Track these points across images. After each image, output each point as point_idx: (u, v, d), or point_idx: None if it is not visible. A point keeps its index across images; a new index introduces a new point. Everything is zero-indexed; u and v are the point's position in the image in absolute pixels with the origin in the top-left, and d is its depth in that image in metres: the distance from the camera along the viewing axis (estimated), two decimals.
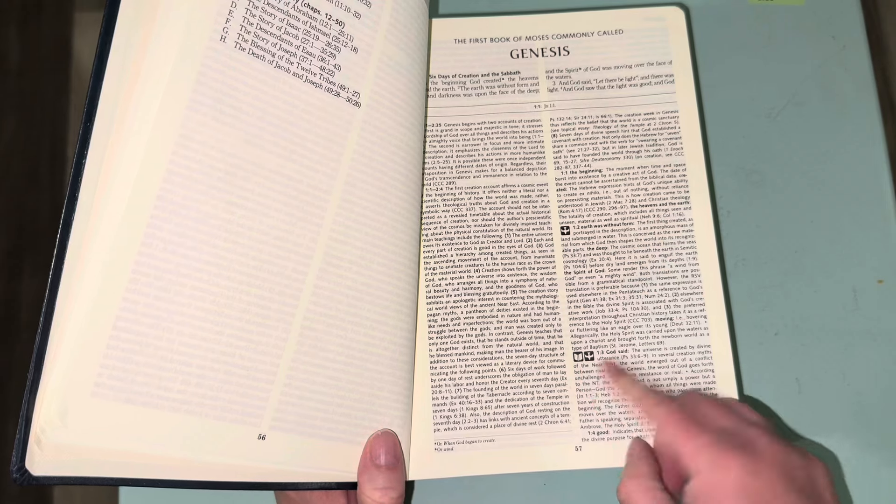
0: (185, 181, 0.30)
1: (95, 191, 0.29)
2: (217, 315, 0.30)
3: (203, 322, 0.30)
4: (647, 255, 0.38)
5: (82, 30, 1.01)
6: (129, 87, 0.30)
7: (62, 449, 0.27)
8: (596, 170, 0.39)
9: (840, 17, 0.44)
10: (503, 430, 0.36)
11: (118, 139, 0.29)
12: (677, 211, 0.39)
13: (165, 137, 0.30)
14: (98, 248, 0.29)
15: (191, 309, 0.30)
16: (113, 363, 0.28)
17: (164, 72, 0.30)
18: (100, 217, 0.29)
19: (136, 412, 0.28)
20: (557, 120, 0.40)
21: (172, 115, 0.30)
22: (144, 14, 0.30)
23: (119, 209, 0.29)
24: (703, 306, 0.38)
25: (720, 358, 0.37)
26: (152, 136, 0.29)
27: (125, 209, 0.29)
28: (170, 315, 0.29)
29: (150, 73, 0.30)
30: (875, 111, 0.43)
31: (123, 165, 0.29)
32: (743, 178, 0.42)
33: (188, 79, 0.30)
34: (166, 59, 0.30)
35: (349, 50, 0.34)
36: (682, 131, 0.40)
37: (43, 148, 0.95)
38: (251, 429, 0.31)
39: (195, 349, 0.30)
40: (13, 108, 0.89)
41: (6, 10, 0.89)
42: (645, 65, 0.41)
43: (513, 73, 0.41)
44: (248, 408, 0.31)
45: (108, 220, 0.29)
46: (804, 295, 0.40)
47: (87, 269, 0.28)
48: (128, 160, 0.29)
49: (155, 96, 0.30)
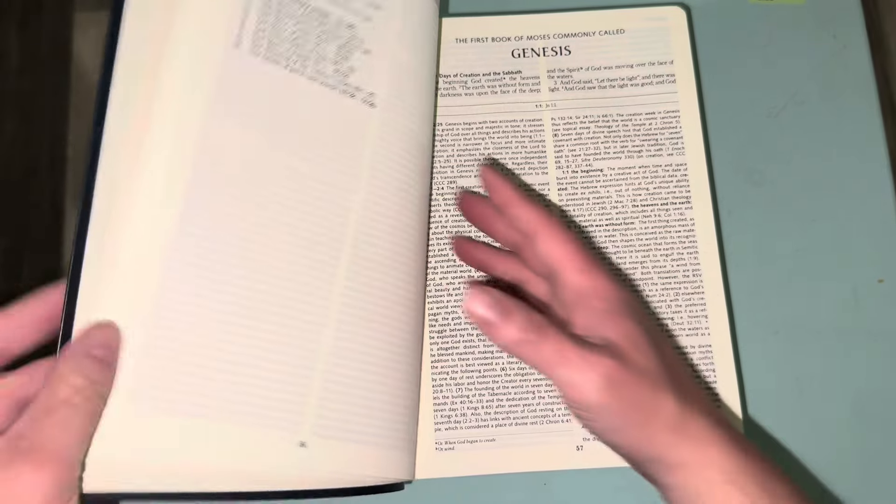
0: (211, 189, 0.30)
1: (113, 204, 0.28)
2: (251, 320, 0.30)
3: (238, 328, 0.30)
4: (648, 255, 0.38)
5: (82, 29, 1.01)
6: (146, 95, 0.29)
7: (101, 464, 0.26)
8: (597, 169, 0.39)
9: (841, 17, 0.44)
10: (504, 430, 0.36)
11: (137, 150, 0.29)
12: (678, 211, 0.39)
13: (187, 146, 0.29)
14: (125, 261, 0.28)
15: (225, 315, 0.29)
16: (149, 374, 0.28)
17: (182, 80, 0.30)
18: (123, 230, 0.28)
19: (175, 424, 0.28)
20: (559, 119, 0.40)
21: (193, 122, 0.30)
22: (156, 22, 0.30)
23: (146, 220, 0.29)
24: (703, 306, 0.38)
25: (721, 357, 0.37)
26: (174, 145, 0.29)
27: (153, 219, 0.29)
28: (204, 322, 0.29)
29: (167, 82, 0.30)
30: (876, 110, 0.43)
31: (146, 177, 0.29)
32: (743, 177, 0.42)
33: (206, 86, 0.30)
34: (183, 68, 0.30)
35: (361, 52, 0.34)
36: (683, 131, 0.40)
37: (42, 147, 0.95)
38: (292, 435, 0.30)
39: (232, 356, 0.29)
40: (13, 108, 0.89)
41: (6, 10, 0.89)
42: (646, 64, 0.41)
43: (514, 72, 0.41)
44: (288, 414, 0.30)
45: (133, 233, 0.28)
46: (804, 294, 0.40)
47: (115, 282, 0.28)
48: (150, 172, 0.29)
49: (174, 105, 0.30)
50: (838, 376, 0.39)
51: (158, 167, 0.29)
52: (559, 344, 0.28)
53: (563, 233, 0.32)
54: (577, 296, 0.31)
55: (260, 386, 0.30)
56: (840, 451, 0.38)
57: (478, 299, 0.29)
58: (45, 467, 0.23)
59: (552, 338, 0.29)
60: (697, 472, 0.28)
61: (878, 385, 0.39)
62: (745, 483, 0.28)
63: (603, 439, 0.30)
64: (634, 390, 0.28)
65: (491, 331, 0.29)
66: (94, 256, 0.28)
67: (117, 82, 0.29)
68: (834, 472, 0.38)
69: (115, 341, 0.27)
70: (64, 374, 0.26)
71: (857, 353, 0.39)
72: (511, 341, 0.29)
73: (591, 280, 0.31)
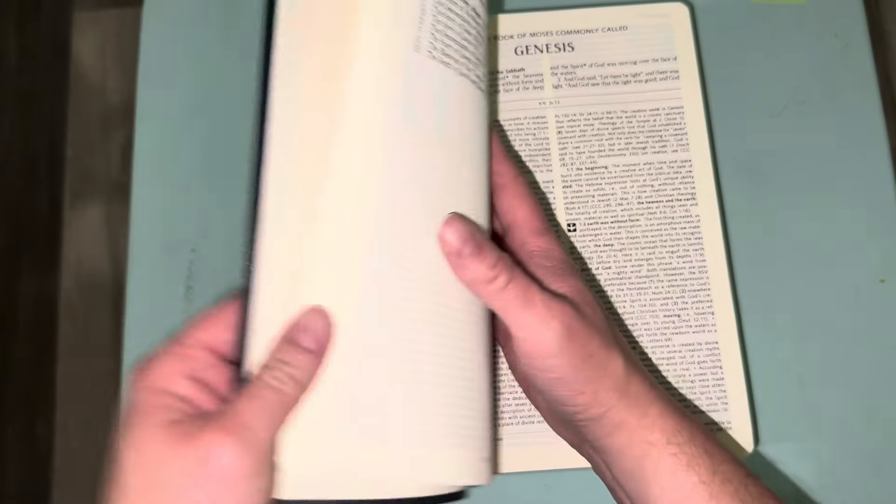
0: (403, 199, 0.28)
1: (292, 209, 0.27)
2: (443, 338, 0.29)
3: (432, 346, 0.29)
4: (653, 252, 0.38)
5: (81, 29, 1.01)
6: (323, 98, 0.28)
7: (296, 474, 0.26)
8: (602, 166, 0.39)
9: (842, 16, 0.44)
10: (511, 429, 0.36)
11: (320, 154, 0.28)
12: (684, 207, 0.39)
13: (378, 152, 0.28)
14: (322, 283, 0.27)
15: (420, 335, 0.28)
16: (357, 396, 0.27)
17: (371, 85, 0.28)
18: (313, 249, 0.27)
19: (374, 445, 0.27)
20: (563, 116, 0.40)
21: (381, 129, 0.28)
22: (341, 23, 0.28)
23: (344, 231, 0.27)
24: (710, 303, 0.38)
25: (728, 354, 0.37)
26: (366, 152, 0.28)
27: (351, 236, 0.27)
28: (407, 342, 0.28)
29: (355, 85, 0.28)
30: (877, 109, 0.43)
31: (336, 184, 0.27)
32: (745, 175, 0.42)
33: (394, 91, 0.29)
34: (371, 72, 0.28)
35: (485, 48, 0.34)
36: (687, 127, 0.40)
37: (41, 147, 0.95)
38: (476, 453, 0.30)
39: (424, 376, 0.28)
40: (12, 107, 0.88)
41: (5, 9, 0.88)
42: (650, 61, 0.41)
43: (517, 70, 0.41)
44: (473, 431, 0.29)
45: (331, 251, 0.27)
46: (806, 293, 0.40)
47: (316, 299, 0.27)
48: (340, 183, 0.28)
49: (363, 112, 0.28)
50: (841, 375, 0.39)
51: (351, 175, 0.28)
52: (525, 288, 0.29)
53: (525, 193, 0.33)
54: (528, 254, 0.31)
55: (447, 405, 0.29)
56: (843, 450, 0.38)
57: (454, 227, 0.29)
58: (246, 445, 0.24)
59: (519, 280, 0.29)
60: (638, 432, 0.29)
61: (880, 384, 0.39)
62: (683, 442, 0.29)
63: (549, 393, 0.30)
64: (589, 343, 0.29)
65: (460, 263, 0.29)
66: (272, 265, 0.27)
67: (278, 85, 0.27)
68: (837, 470, 0.38)
69: (325, 336, 0.27)
70: (271, 359, 0.26)
71: (858, 352, 0.39)
72: (478, 278, 0.29)
73: (546, 242, 0.32)
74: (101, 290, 0.94)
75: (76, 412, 0.91)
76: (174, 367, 0.27)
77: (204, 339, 0.27)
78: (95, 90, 0.99)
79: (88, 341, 0.93)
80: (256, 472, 0.24)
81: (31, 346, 0.89)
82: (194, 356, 0.27)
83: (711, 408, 0.37)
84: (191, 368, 0.27)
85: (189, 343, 0.27)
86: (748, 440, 0.36)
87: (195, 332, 0.28)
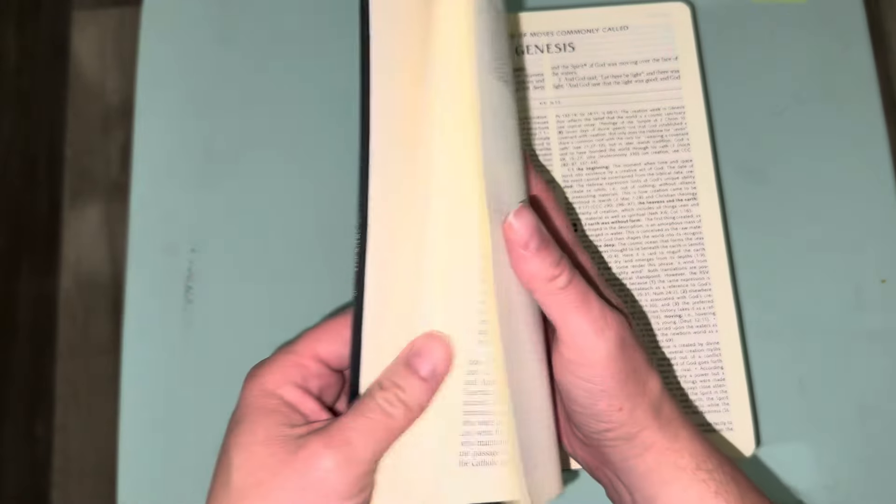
0: (497, 217, 0.28)
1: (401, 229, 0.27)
2: (532, 362, 0.29)
3: (532, 374, 0.29)
4: (655, 252, 0.38)
5: (80, 28, 1.00)
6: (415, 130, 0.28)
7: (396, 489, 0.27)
8: (603, 166, 0.39)
9: (843, 16, 0.44)
10: None
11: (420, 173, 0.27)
12: (685, 207, 0.39)
13: (471, 174, 0.28)
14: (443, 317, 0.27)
15: (524, 362, 0.28)
16: (468, 429, 0.27)
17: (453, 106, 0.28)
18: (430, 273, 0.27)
19: (480, 472, 0.27)
20: (563, 116, 0.40)
21: (472, 153, 0.28)
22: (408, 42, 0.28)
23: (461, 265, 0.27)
24: (711, 303, 0.38)
25: (729, 355, 0.37)
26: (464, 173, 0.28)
27: (467, 264, 0.27)
28: (523, 371, 0.28)
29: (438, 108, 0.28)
30: (878, 109, 0.43)
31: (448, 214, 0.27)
32: (746, 176, 0.42)
33: (486, 120, 0.28)
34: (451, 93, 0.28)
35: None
36: (688, 127, 0.40)
37: (41, 147, 0.95)
38: (551, 473, 0.30)
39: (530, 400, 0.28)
40: (11, 107, 0.88)
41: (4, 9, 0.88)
42: (650, 60, 0.41)
43: (518, 70, 0.41)
44: (547, 455, 0.29)
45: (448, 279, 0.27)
46: (806, 293, 0.40)
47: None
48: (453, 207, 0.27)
49: (453, 135, 0.28)
50: (841, 376, 0.39)
51: (462, 198, 0.27)
52: (584, 292, 0.28)
53: (558, 206, 0.32)
54: None
55: (542, 426, 0.29)
56: (843, 451, 0.38)
57: (524, 218, 0.27)
58: (346, 461, 0.25)
59: (579, 283, 0.28)
60: (668, 455, 0.28)
61: (880, 384, 0.39)
62: (712, 469, 0.28)
63: (587, 406, 0.29)
64: (635, 358, 0.28)
65: (524, 255, 0.27)
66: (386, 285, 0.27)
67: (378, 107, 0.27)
68: (838, 471, 0.38)
69: (444, 368, 0.27)
70: (386, 380, 0.26)
71: (859, 352, 0.39)
72: (539, 274, 0.27)
73: (583, 254, 0.31)
74: (100, 290, 0.94)
75: (76, 412, 0.91)
76: (286, 374, 0.27)
77: (315, 349, 0.28)
78: (95, 90, 0.99)
79: (88, 341, 0.93)
80: (354, 488, 0.25)
81: (30, 346, 0.88)
82: (306, 365, 0.28)
83: (712, 408, 0.37)
84: (301, 377, 0.28)
85: (301, 352, 0.28)
86: (749, 441, 0.36)
87: (308, 342, 0.28)
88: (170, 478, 0.39)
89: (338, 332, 0.28)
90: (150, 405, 0.40)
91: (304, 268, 0.41)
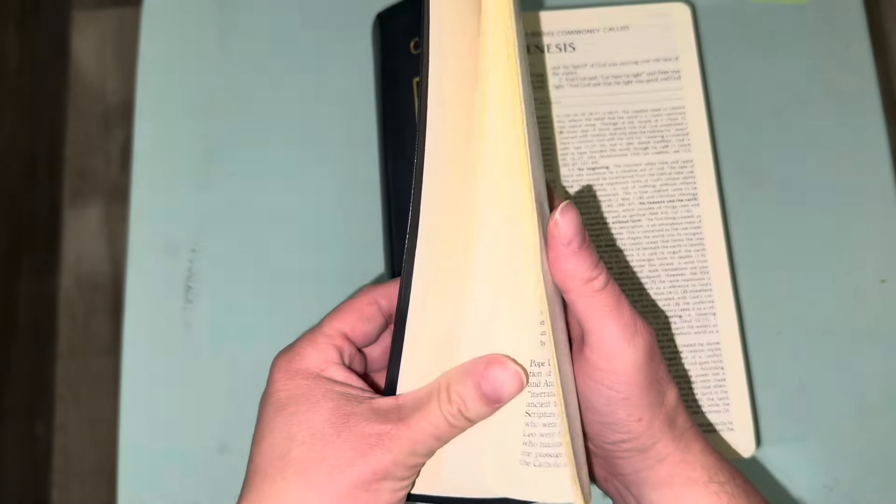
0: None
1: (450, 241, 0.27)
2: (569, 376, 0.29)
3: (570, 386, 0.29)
4: (655, 252, 0.38)
5: (80, 29, 1.00)
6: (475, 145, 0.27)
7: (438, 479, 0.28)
8: (603, 166, 0.39)
9: (843, 16, 0.44)
10: None
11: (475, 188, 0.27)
12: (685, 207, 0.39)
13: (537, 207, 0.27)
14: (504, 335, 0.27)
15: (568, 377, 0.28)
16: (531, 430, 0.27)
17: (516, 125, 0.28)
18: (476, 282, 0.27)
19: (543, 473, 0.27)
20: (564, 117, 0.40)
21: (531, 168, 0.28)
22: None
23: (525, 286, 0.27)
24: (712, 303, 0.38)
25: (730, 355, 0.37)
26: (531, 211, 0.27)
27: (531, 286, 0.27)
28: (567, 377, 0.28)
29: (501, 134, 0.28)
30: (878, 110, 0.43)
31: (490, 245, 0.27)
32: (746, 176, 0.42)
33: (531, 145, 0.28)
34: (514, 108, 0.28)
35: None
36: (689, 127, 0.40)
37: (41, 147, 0.95)
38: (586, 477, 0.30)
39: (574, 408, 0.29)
40: (11, 108, 0.88)
41: (4, 9, 0.88)
42: (651, 61, 0.41)
43: None
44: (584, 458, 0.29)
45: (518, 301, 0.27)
46: (806, 294, 0.40)
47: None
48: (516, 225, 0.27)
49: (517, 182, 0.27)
50: (841, 376, 0.39)
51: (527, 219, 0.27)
52: (618, 297, 0.28)
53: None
54: None
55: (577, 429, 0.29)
56: (843, 451, 0.38)
57: (571, 215, 0.27)
58: (403, 457, 0.26)
59: (614, 287, 0.28)
60: (680, 467, 0.28)
61: (880, 384, 0.39)
62: (724, 482, 0.28)
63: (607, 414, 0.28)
64: (659, 370, 0.28)
65: (564, 253, 0.27)
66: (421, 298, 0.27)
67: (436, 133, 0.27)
68: (838, 471, 0.38)
69: (510, 397, 0.27)
70: (452, 391, 0.27)
71: (859, 352, 0.39)
72: (577, 273, 0.27)
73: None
74: (100, 290, 0.94)
75: (76, 412, 0.91)
76: (327, 356, 0.28)
77: (341, 328, 0.29)
78: (95, 90, 0.99)
79: (88, 341, 0.93)
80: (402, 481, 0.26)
81: (30, 346, 0.88)
82: (340, 345, 0.28)
83: (713, 409, 0.37)
84: (339, 356, 0.28)
85: (331, 333, 0.29)
86: (750, 441, 0.36)
87: (334, 322, 0.29)
88: (170, 478, 0.39)
89: (359, 310, 0.29)
90: (150, 405, 0.40)
91: (303, 268, 0.41)
